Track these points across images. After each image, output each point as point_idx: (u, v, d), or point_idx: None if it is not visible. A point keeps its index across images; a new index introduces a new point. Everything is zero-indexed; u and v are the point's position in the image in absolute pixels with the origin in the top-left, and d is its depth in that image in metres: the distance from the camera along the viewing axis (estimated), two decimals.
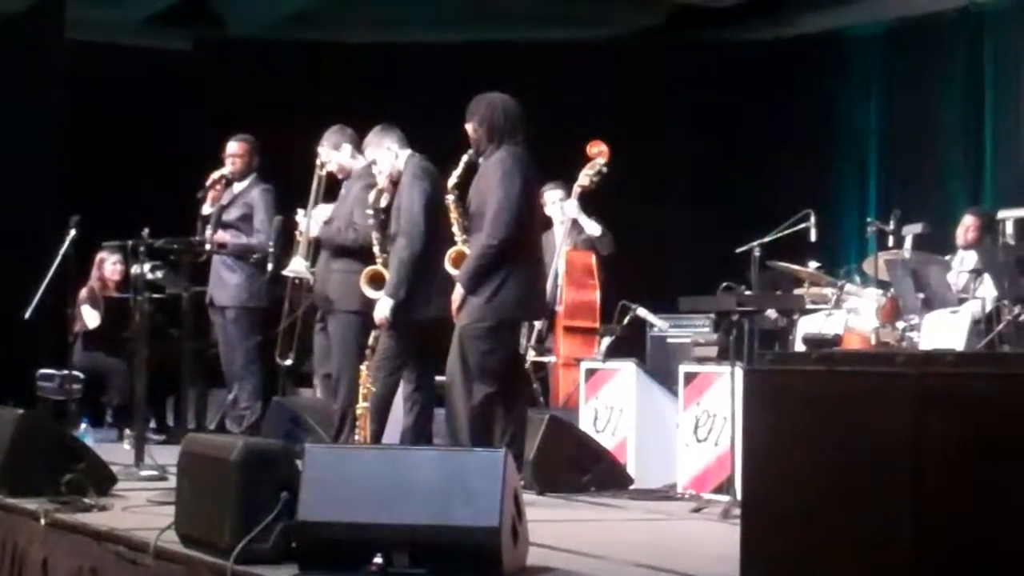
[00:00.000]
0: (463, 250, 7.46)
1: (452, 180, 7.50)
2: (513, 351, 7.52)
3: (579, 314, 9.76)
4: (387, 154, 8.11)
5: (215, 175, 9.38)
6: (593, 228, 9.90)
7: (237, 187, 9.58)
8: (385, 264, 8.06)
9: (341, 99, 10.33)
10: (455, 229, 7.60)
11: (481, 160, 7.32)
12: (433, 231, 7.81)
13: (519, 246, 7.21)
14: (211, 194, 9.40)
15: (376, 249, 8.13)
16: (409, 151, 8.12)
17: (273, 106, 12.40)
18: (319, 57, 13.64)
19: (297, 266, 8.80)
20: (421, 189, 7.88)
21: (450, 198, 7.56)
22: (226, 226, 9.45)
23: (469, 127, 7.35)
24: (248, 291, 9.38)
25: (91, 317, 10.83)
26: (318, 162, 8.79)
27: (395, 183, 8.09)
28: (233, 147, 9.59)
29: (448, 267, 7.57)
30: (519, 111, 7.35)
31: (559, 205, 9.96)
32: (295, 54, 13.73)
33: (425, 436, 8.00)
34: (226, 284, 9.42)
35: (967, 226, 9.80)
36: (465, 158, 7.40)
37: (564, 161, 9.98)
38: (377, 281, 8.08)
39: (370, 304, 8.05)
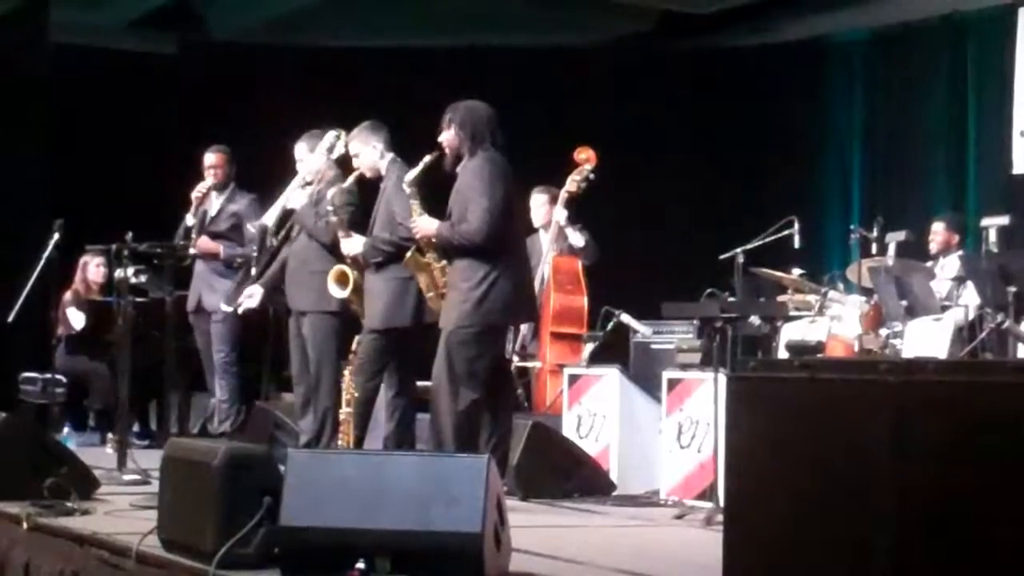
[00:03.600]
0: (417, 257, 7.47)
1: (410, 176, 7.50)
2: (499, 356, 7.51)
3: (566, 320, 9.75)
4: (372, 152, 8.10)
5: (203, 188, 9.47)
6: (577, 239, 9.90)
7: (218, 197, 9.63)
8: (353, 264, 8.07)
9: (325, 104, 10.30)
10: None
11: (459, 167, 7.32)
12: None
13: (505, 250, 7.22)
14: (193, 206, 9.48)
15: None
16: (392, 155, 8.12)
17: (257, 110, 12.39)
18: (303, 61, 13.64)
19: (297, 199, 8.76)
20: (408, 199, 7.86)
21: (410, 190, 7.53)
22: (217, 236, 9.53)
23: (448, 134, 7.34)
24: (238, 296, 9.39)
25: (76, 319, 10.80)
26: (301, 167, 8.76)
27: (363, 181, 8.11)
28: (212, 158, 9.68)
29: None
30: (495, 116, 7.36)
31: (546, 209, 9.97)
32: (279, 58, 13.72)
33: (408, 441, 7.99)
34: (216, 290, 9.48)
35: (933, 233, 9.93)
36: (428, 159, 7.41)
37: (552, 166, 9.99)
38: (343, 281, 8.10)
39: (345, 305, 8.07)
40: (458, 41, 13.63)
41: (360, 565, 4.57)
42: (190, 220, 9.46)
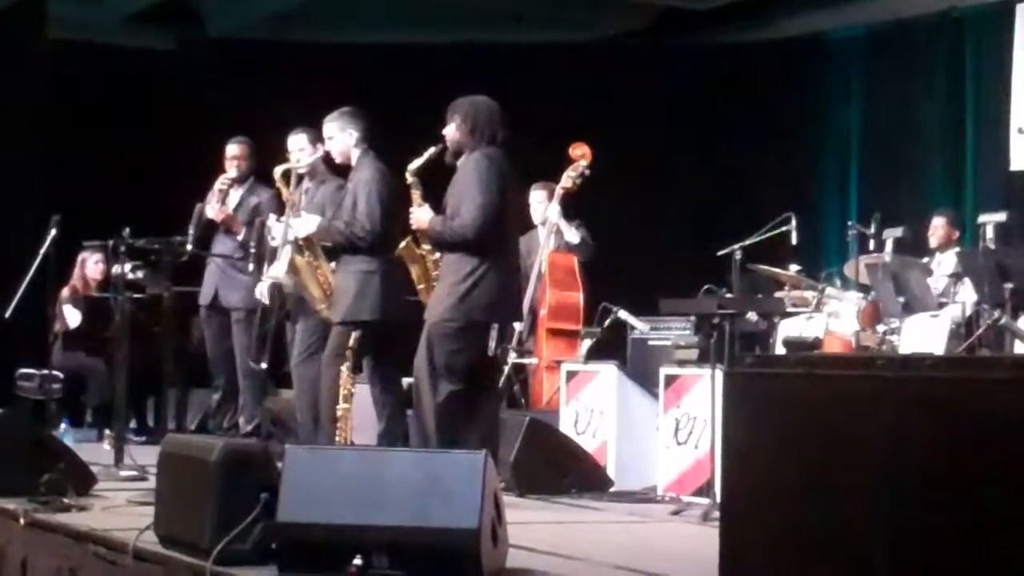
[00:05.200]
0: (412, 247, 7.49)
1: (413, 167, 7.48)
2: (481, 352, 7.45)
3: (562, 316, 9.75)
4: (347, 138, 8.06)
5: (228, 179, 9.40)
6: (572, 236, 9.90)
7: (238, 189, 9.55)
8: (306, 244, 8.11)
9: (324, 100, 10.29)
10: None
11: (459, 161, 7.32)
12: (391, 235, 7.77)
13: (494, 248, 7.21)
14: (215, 198, 9.42)
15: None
16: (366, 146, 8.08)
17: (254, 106, 12.37)
18: (301, 57, 13.64)
19: (277, 271, 8.76)
20: (379, 195, 7.85)
21: (411, 179, 7.53)
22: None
23: (451, 127, 7.34)
24: (254, 292, 9.37)
25: (73, 317, 10.81)
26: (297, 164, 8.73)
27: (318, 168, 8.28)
28: (235, 149, 9.58)
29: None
30: (500, 114, 7.36)
31: (544, 206, 9.96)
32: (277, 54, 13.71)
33: (401, 438, 7.99)
34: (236, 286, 9.40)
35: (934, 227, 9.94)
36: (432, 150, 7.40)
37: (547, 163, 9.99)
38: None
39: None
40: (457, 37, 13.63)
41: (357, 561, 4.57)
42: (209, 212, 9.39)
